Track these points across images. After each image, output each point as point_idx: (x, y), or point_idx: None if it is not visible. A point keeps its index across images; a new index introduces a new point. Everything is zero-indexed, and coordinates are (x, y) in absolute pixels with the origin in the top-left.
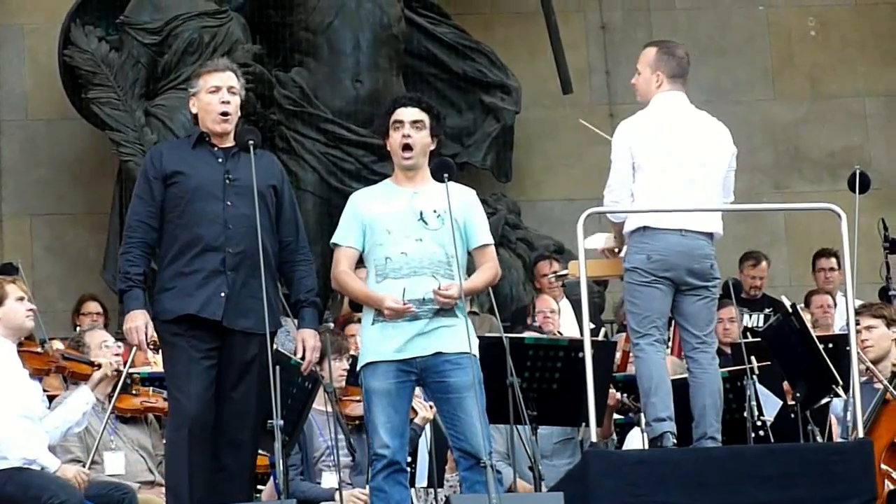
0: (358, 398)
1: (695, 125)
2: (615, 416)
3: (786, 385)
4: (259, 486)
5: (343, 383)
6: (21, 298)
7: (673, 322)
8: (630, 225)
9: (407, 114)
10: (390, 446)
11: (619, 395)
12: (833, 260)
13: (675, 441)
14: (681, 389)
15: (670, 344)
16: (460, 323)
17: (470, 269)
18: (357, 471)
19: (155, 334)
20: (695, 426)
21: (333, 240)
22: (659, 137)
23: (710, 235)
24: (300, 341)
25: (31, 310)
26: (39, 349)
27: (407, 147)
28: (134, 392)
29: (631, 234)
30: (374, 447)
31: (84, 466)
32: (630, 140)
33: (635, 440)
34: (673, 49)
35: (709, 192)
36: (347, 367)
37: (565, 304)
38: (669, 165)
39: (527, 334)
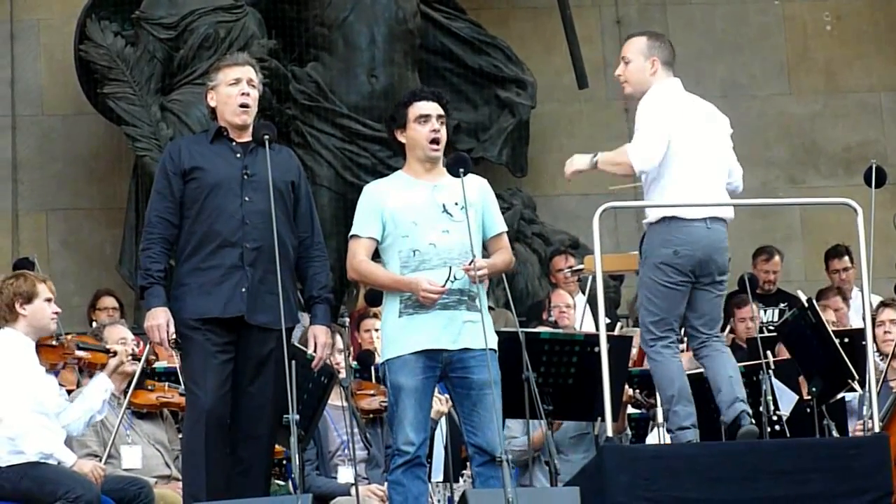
0: (372, 392)
1: (702, 111)
2: (630, 410)
3: (802, 379)
4: (278, 482)
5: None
6: (49, 300)
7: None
8: (653, 215)
9: (432, 108)
10: (415, 443)
11: (631, 391)
12: (846, 259)
13: None
14: (696, 384)
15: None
16: (483, 318)
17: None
18: (372, 465)
19: (175, 333)
20: (723, 395)
21: (353, 231)
22: (687, 124)
23: (724, 221)
24: (312, 338)
25: (56, 313)
26: (54, 342)
27: (436, 141)
28: (149, 387)
29: (652, 224)
30: (398, 443)
31: (100, 461)
32: (671, 116)
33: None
34: (662, 37)
35: (722, 176)
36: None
37: (581, 300)
38: (692, 152)
39: (542, 329)
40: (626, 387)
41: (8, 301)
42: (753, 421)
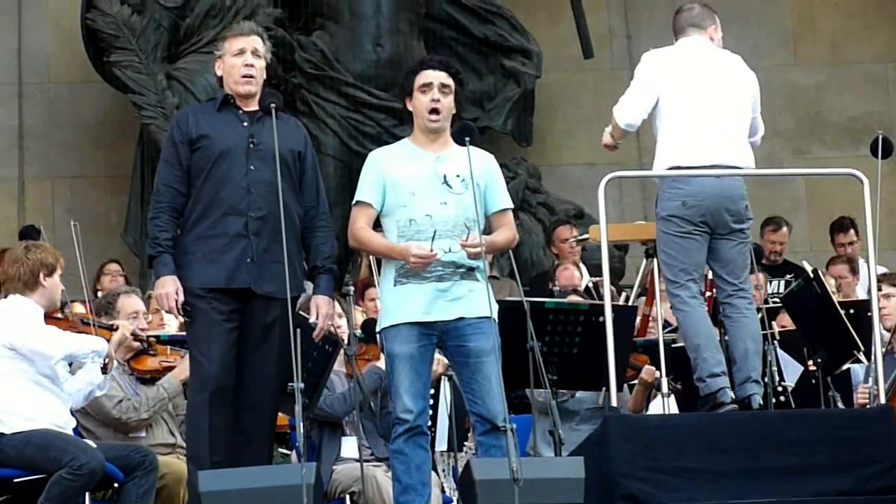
0: (368, 357)
1: (719, 64)
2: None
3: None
4: (283, 451)
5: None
6: (61, 275)
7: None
8: (660, 166)
9: (436, 77)
10: (413, 410)
11: (658, 373)
12: (851, 233)
13: (732, 395)
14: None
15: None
16: (481, 287)
17: (486, 234)
18: (372, 433)
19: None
20: (737, 370)
21: (356, 197)
22: (687, 75)
23: (740, 170)
24: (314, 308)
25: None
26: (59, 314)
27: (435, 111)
28: (152, 353)
29: (662, 178)
30: (397, 411)
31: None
32: (661, 72)
33: (656, 409)
34: (679, 9)
35: (735, 126)
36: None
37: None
38: (697, 103)
39: (547, 299)
40: (653, 368)
41: (34, 269)
42: (761, 403)
